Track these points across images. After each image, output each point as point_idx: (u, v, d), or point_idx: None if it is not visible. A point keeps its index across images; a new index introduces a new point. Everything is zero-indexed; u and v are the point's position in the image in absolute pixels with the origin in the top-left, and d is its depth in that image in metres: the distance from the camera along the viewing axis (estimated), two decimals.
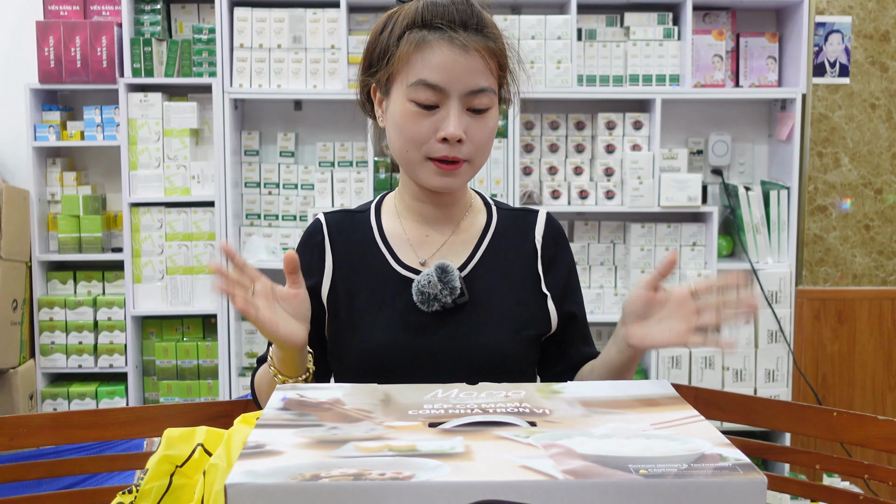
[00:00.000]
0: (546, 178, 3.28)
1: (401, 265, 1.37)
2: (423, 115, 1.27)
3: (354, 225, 1.42)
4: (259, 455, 0.80)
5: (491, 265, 1.38)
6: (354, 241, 1.40)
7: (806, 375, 3.29)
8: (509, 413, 0.92)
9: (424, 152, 1.28)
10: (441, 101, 1.26)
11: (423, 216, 1.40)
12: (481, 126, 1.28)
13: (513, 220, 1.43)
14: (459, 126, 1.25)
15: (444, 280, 1.31)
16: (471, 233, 1.40)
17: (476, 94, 1.26)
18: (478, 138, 1.28)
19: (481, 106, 1.27)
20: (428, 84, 1.25)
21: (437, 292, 1.32)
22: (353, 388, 1.03)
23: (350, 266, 1.39)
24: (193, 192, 3.25)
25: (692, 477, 0.73)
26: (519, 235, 1.42)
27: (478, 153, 1.29)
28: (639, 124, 3.26)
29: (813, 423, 1.55)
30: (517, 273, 1.39)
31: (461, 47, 1.25)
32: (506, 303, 1.36)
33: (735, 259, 3.33)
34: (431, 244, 1.39)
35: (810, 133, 3.33)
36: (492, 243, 1.40)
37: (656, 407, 0.94)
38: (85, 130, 3.25)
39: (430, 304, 1.32)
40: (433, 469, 0.76)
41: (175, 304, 3.29)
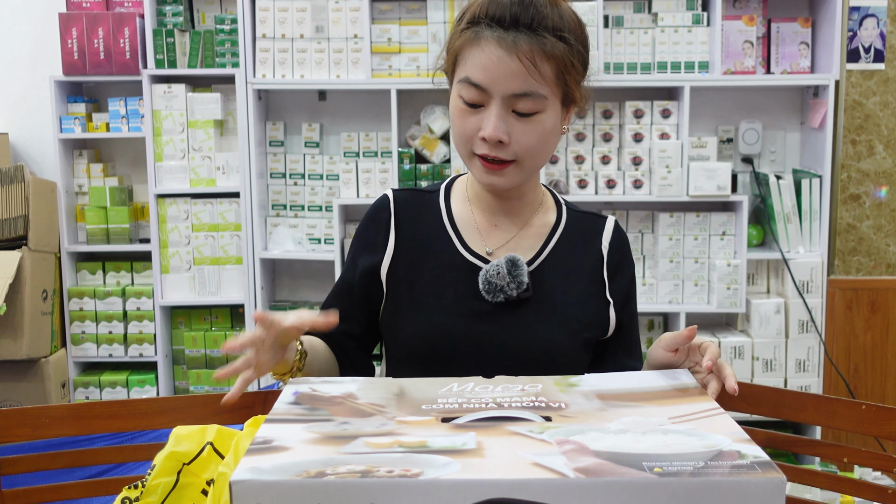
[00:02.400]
0: (573, 168, 3.25)
1: (469, 251, 1.36)
2: (468, 112, 1.25)
3: (423, 205, 1.41)
4: (266, 451, 0.79)
5: (557, 263, 1.37)
6: (422, 221, 1.39)
7: (838, 366, 3.24)
8: (524, 407, 0.90)
9: (471, 148, 1.27)
10: (484, 100, 1.24)
11: (493, 206, 1.39)
12: (527, 130, 1.24)
13: (582, 223, 1.42)
14: (498, 128, 1.23)
15: (513, 273, 1.31)
16: (540, 229, 1.39)
17: (520, 97, 1.22)
18: (523, 142, 1.24)
19: (525, 110, 1.23)
20: (472, 83, 1.23)
21: (504, 284, 1.31)
22: (366, 382, 1.01)
23: (415, 246, 1.38)
24: (219, 183, 3.26)
25: (708, 476, 0.71)
26: (587, 239, 1.41)
27: (526, 156, 1.26)
28: (667, 112, 3.21)
29: (841, 416, 1.52)
30: (582, 275, 1.38)
31: (508, 48, 1.21)
32: (568, 302, 1.35)
33: (765, 249, 3.28)
34: (500, 235, 1.38)
35: (843, 120, 3.26)
36: (560, 242, 1.39)
37: (675, 399, 0.91)
38: (110, 122, 3.27)
39: (496, 295, 1.31)
40: (443, 466, 0.75)
41: (203, 294, 3.30)
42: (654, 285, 3.24)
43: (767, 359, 3.19)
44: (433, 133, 3.24)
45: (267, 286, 3.38)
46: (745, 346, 3.19)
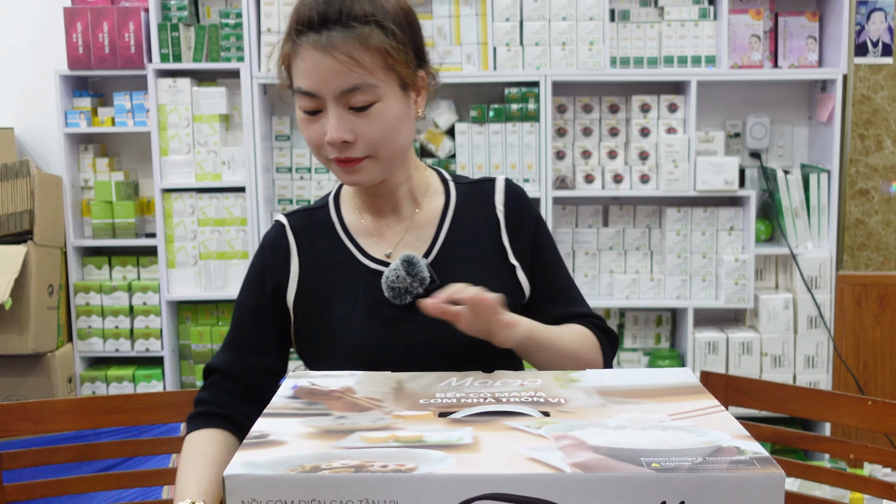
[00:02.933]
0: (579, 163, 3.23)
1: (368, 258, 1.34)
2: (311, 120, 1.24)
3: (316, 223, 1.38)
4: (261, 445, 0.79)
5: (456, 245, 1.35)
6: (318, 239, 1.37)
7: (847, 362, 3.22)
8: (523, 402, 0.89)
9: (325, 154, 1.26)
10: (320, 105, 1.22)
11: (378, 207, 1.37)
12: (369, 123, 1.22)
13: (471, 194, 1.39)
14: (339, 129, 1.21)
15: (412, 273, 1.29)
16: (431, 217, 1.37)
17: (350, 93, 1.21)
18: (368, 135, 1.23)
19: (360, 104, 1.21)
20: (303, 91, 1.22)
21: (406, 285, 1.29)
22: (365, 376, 1.01)
23: (318, 266, 1.35)
24: (224, 178, 3.25)
25: (706, 471, 0.70)
26: (479, 208, 1.38)
27: (377, 148, 1.24)
28: (674, 107, 3.19)
29: (847, 412, 1.51)
30: (484, 248, 1.36)
31: (323, 48, 1.19)
32: (476, 281, 1.30)
33: (773, 244, 3.26)
34: (393, 234, 1.36)
35: (851, 115, 3.24)
36: (453, 223, 1.36)
37: (676, 396, 0.91)
38: (115, 116, 3.27)
39: (403, 298, 1.29)
40: (438, 461, 0.74)
41: (209, 288, 3.30)
42: (661, 280, 3.23)
43: (776, 355, 3.18)
44: (438, 127, 3.23)
45: None
46: (753, 342, 3.18)
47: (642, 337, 3.39)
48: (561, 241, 3.27)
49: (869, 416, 1.49)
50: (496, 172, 3.17)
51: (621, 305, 3.27)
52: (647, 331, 3.39)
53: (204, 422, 1.28)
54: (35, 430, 1.50)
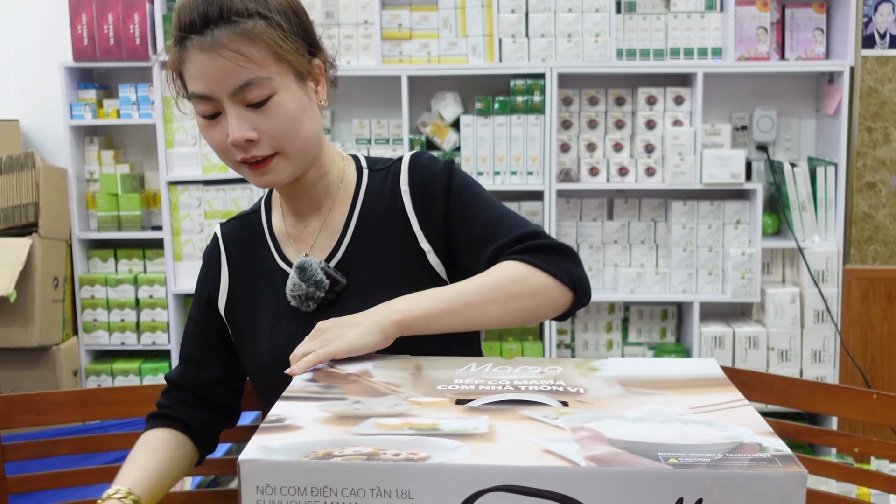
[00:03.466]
0: (584, 155, 3.22)
1: (286, 262, 1.32)
2: (211, 124, 1.20)
3: (248, 229, 1.36)
4: (277, 429, 0.79)
5: (366, 238, 1.30)
6: (249, 245, 1.35)
7: (854, 356, 3.21)
8: (541, 391, 0.88)
9: (231, 158, 1.21)
10: (217, 107, 1.18)
11: (295, 209, 1.33)
12: (269, 118, 1.18)
13: (383, 180, 1.32)
14: (241, 128, 1.16)
15: (305, 279, 1.25)
16: (342, 213, 1.32)
17: (243, 89, 1.16)
18: (270, 130, 1.18)
19: (256, 99, 1.17)
20: (197, 95, 1.18)
21: (305, 292, 1.25)
22: (384, 360, 1.00)
23: (247, 274, 1.33)
24: (231, 170, 3.24)
25: (725, 468, 0.68)
26: (388, 194, 1.31)
27: (283, 143, 1.20)
28: (680, 99, 3.18)
29: (852, 406, 1.50)
30: (392, 237, 1.29)
31: (209, 48, 1.15)
32: (386, 273, 1.28)
33: (780, 237, 3.25)
34: (309, 235, 1.33)
35: (859, 107, 3.22)
36: (362, 214, 1.31)
37: (699, 388, 0.89)
38: (121, 108, 3.26)
39: (307, 305, 1.26)
40: (451, 450, 0.73)
41: None
42: (667, 274, 3.22)
43: (783, 349, 3.17)
44: (444, 120, 3.22)
45: None
46: (759, 337, 3.17)
47: (647, 331, 3.38)
48: (565, 234, 3.27)
49: (874, 410, 1.48)
50: (501, 165, 3.16)
51: (626, 299, 3.26)
52: (653, 325, 3.38)
53: (158, 422, 1.31)
54: (37, 422, 1.50)
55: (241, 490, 0.73)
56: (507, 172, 3.17)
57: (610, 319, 3.36)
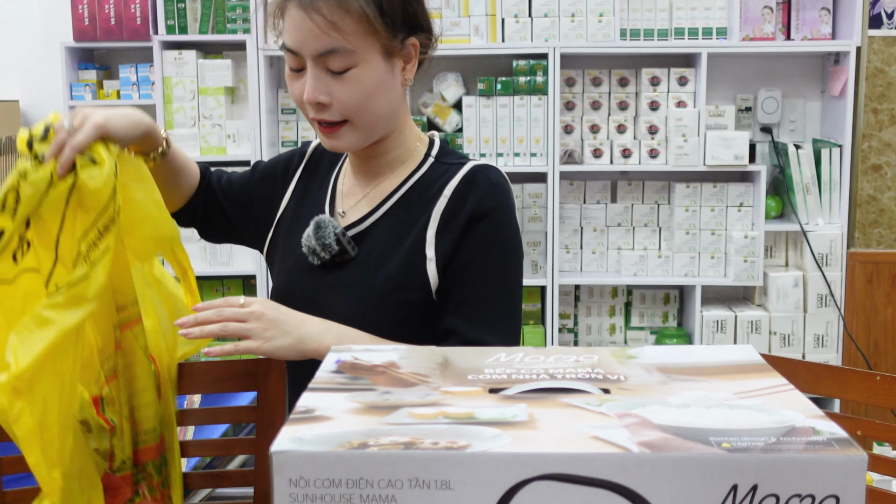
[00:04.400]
0: (588, 137, 3.20)
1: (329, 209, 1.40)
2: (295, 77, 1.27)
3: (332, 161, 1.45)
4: (308, 420, 0.76)
5: (393, 221, 1.34)
6: (321, 174, 1.44)
7: (857, 341, 3.20)
8: (579, 379, 0.85)
9: (307, 114, 1.29)
10: (301, 63, 1.24)
11: (356, 168, 1.40)
12: (344, 88, 1.23)
13: (439, 173, 1.34)
14: (315, 90, 1.23)
15: (317, 236, 1.32)
16: (387, 188, 1.36)
17: (326, 55, 1.22)
18: (343, 99, 1.24)
19: (337, 68, 1.22)
20: (286, 48, 1.25)
21: (313, 246, 1.33)
22: (409, 350, 0.98)
23: (303, 201, 1.42)
24: (229, 152, 3.21)
25: (781, 452, 0.66)
26: (434, 188, 1.32)
27: (354, 114, 1.25)
28: (684, 80, 3.15)
29: (855, 388, 1.49)
30: (409, 231, 1.32)
31: (306, 8, 1.21)
32: (389, 262, 1.31)
33: (784, 220, 3.23)
34: (354, 195, 1.39)
35: (865, 88, 3.20)
36: (403, 198, 1.34)
37: (740, 374, 0.86)
38: (121, 89, 3.22)
39: (313, 258, 1.34)
40: (492, 438, 0.70)
41: (214, 264, 3.27)
42: (669, 258, 3.20)
43: (785, 333, 3.15)
44: (445, 101, 3.18)
45: None
46: (762, 321, 3.15)
47: (650, 315, 3.36)
48: (568, 217, 3.24)
49: (877, 392, 1.47)
50: (503, 147, 3.13)
51: (629, 283, 3.24)
52: (655, 309, 3.36)
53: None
54: None
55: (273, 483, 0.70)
56: (509, 154, 3.14)
57: (613, 303, 3.34)
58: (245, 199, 1.49)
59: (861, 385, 1.49)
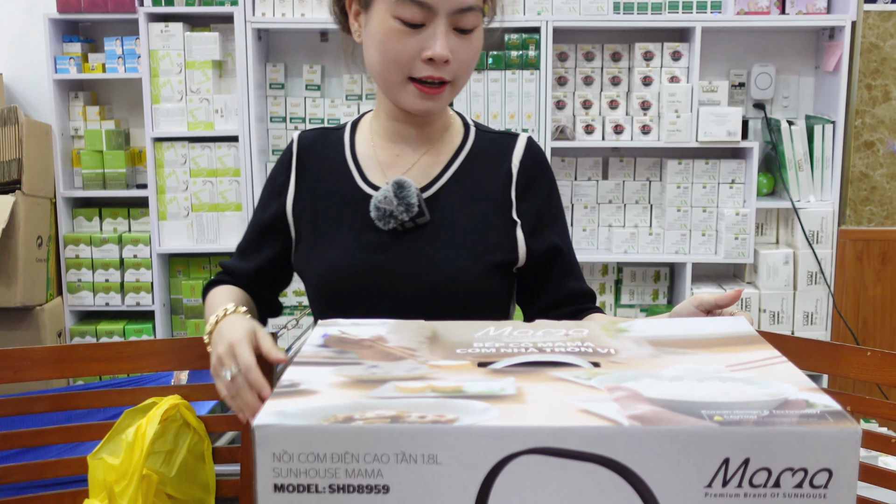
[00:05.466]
0: (580, 112, 3.17)
1: (366, 183, 1.33)
2: (407, 33, 1.21)
3: (327, 143, 1.39)
4: (292, 394, 0.74)
5: (460, 187, 1.33)
6: (324, 158, 1.37)
7: (846, 319, 3.19)
8: (569, 353, 0.83)
9: (407, 72, 1.23)
10: (428, 18, 1.20)
11: (397, 135, 1.35)
12: (467, 46, 1.23)
13: (491, 143, 1.37)
14: (447, 46, 1.20)
15: (399, 196, 1.27)
16: (443, 153, 1.35)
17: (464, 12, 1.20)
18: (464, 58, 1.23)
19: (468, 25, 1.21)
20: (415, 1, 1.19)
21: (392, 208, 1.27)
22: (397, 325, 0.96)
23: (316, 185, 1.36)
24: (217, 127, 3.17)
25: (775, 425, 0.64)
26: (495, 159, 1.35)
27: (462, 74, 1.25)
28: (677, 55, 3.12)
29: (846, 363, 1.48)
30: (488, 197, 1.33)
31: None
32: (471, 226, 1.31)
33: (775, 198, 3.22)
34: (402, 164, 1.35)
35: (859, 64, 3.17)
36: (464, 165, 1.34)
37: (732, 347, 0.85)
38: (106, 63, 3.17)
39: (387, 221, 1.29)
40: (480, 412, 0.68)
41: (201, 241, 3.23)
42: (660, 235, 3.19)
43: (774, 311, 3.15)
44: None
45: None
46: (752, 298, 3.15)
47: (640, 293, 3.35)
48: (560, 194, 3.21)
49: (868, 367, 1.45)
50: (494, 122, 3.11)
51: (619, 260, 3.22)
52: (645, 286, 3.35)
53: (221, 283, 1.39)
54: (14, 379, 1.45)
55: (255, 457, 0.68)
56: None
57: (603, 281, 3.33)
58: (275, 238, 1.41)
59: (852, 361, 1.47)
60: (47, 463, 1.48)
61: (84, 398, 1.50)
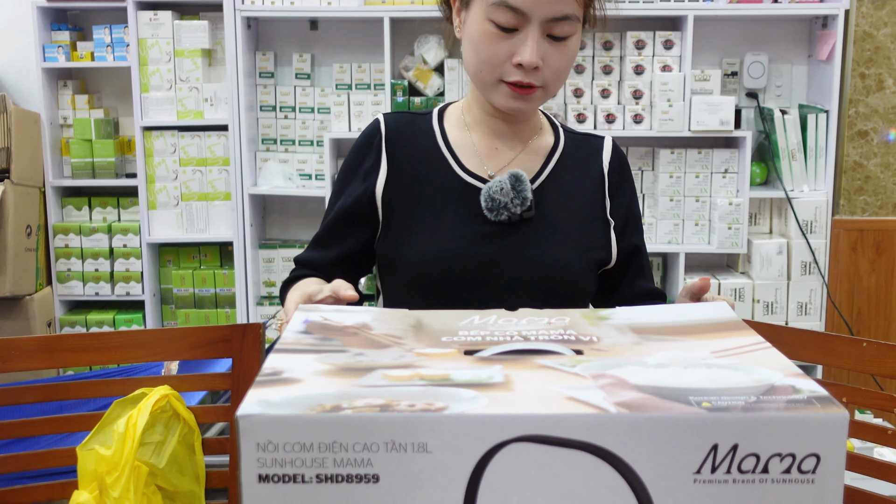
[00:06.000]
0: (571, 101, 3.16)
1: (467, 173, 1.33)
2: (500, 36, 1.22)
3: (416, 128, 1.37)
4: (275, 383, 0.72)
5: (558, 184, 1.35)
6: (415, 143, 1.36)
7: (840, 309, 3.19)
8: (553, 341, 0.83)
9: (499, 75, 1.25)
10: (521, 24, 1.21)
11: (493, 130, 1.36)
12: (560, 54, 1.23)
13: (579, 143, 1.40)
14: (536, 53, 1.21)
15: (517, 188, 1.28)
16: (539, 151, 1.37)
17: (558, 21, 1.21)
18: (555, 66, 1.24)
19: (562, 34, 1.22)
20: (509, 6, 1.20)
21: (507, 200, 1.28)
22: (381, 313, 0.95)
23: (409, 169, 1.34)
24: (206, 116, 3.15)
25: (763, 411, 0.64)
26: (586, 159, 1.39)
27: (554, 80, 1.26)
28: (670, 43, 3.11)
29: (841, 354, 1.47)
30: (583, 195, 1.36)
31: None
32: (571, 223, 1.33)
33: (769, 187, 3.21)
34: (500, 157, 1.35)
35: (852, 53, 3.16)
36: (559, 163, 1.37)
37: (716, 333, 0.84)
38: (95, 51, 3.15)
39: (499, 213, 1.29)
40: (469, 400, 0.68)
41: (191, 231, 3.22)
42: (653, 224, 3.18)
43: (768, 301, 3.14)
44: (427, 64, 3.13)
45: (257, 223, 3.30)
46: (745, 288, 3.14)
47: None
48: None
49: (863, 358, 1.45)
50: None
51: None
52: None
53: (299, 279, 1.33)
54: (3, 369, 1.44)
55: (239, 448, 0.67)
56: None
57: None
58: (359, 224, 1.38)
59: (847, 351, 1.47)
60: (36, 454, 1.47)
61: (73, 388, 1.49)
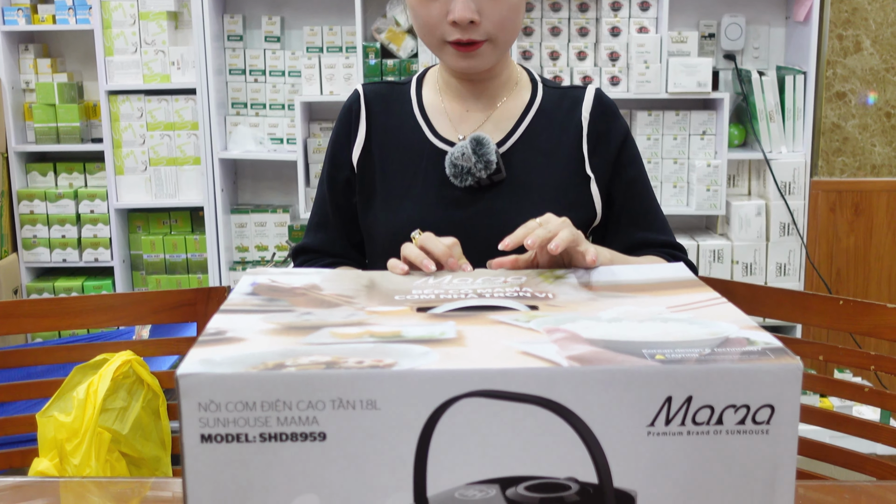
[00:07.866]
0: (547, 64, 3.11)
1: (438, 138, 1.31)
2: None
3: (393, 96, 1.37)
4: (217, 342, 0.70)
5: (532, 143, 1.31)
6: (392, 112, 1.35)
7: (819, 269, 3.18)
8: (508, 297, 0.82)
9: (440, 36, 1.23)
10: None
11: (462, 93, 1.34)
12: (497, 4, 1.20)
13: (559, 98, 1.35)
14: (467, 8, 1.18)
15: (478, 153, 1.25)
16: (513, 110, 1.34)
17: None
18: (495, 17, 1.20)
19: None
20: None
21: (470, 165, 1.26)
22: (333, 274, 0.92)
23: (385, 137, 1.33)
24: (174, 80, 3.08)
25: (716, 362, 0.63)
26: (564, 113, 1.33)
27: (499, 32, 1.22)
28: (646, 5, 3.06)
29: (818, 312, 1.47)
30: (560, 153, 1.31)
31: None
32: (547, 183, 1.29)
33: (747, 149, 3.18)
34: (472, 120, 1.33)
35: (830, 14, 3.13)
36: (535, 121, 1.33)
37: (672, 289, 0.83)
38: (56, 14, 3.07)
39: (464, 179, 1.27)
40: (420, 356, 0.66)
41: (160, 196, 3.16)
42: None
43: (747, 262, 3.13)
44: (400, 26, 3.07)
45: (228, 188, 3.24)
46: (724, 250, 3.13)
47: None
48: None
49: (840, 316, 1.44)
50: None
51: None
52: None
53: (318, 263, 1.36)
54: None
55: (180, 408, 0.64)
56: None
57: None
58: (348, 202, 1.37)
59: (824, 309, 1.46)
60: None
61: (33, 355, 1.46)
